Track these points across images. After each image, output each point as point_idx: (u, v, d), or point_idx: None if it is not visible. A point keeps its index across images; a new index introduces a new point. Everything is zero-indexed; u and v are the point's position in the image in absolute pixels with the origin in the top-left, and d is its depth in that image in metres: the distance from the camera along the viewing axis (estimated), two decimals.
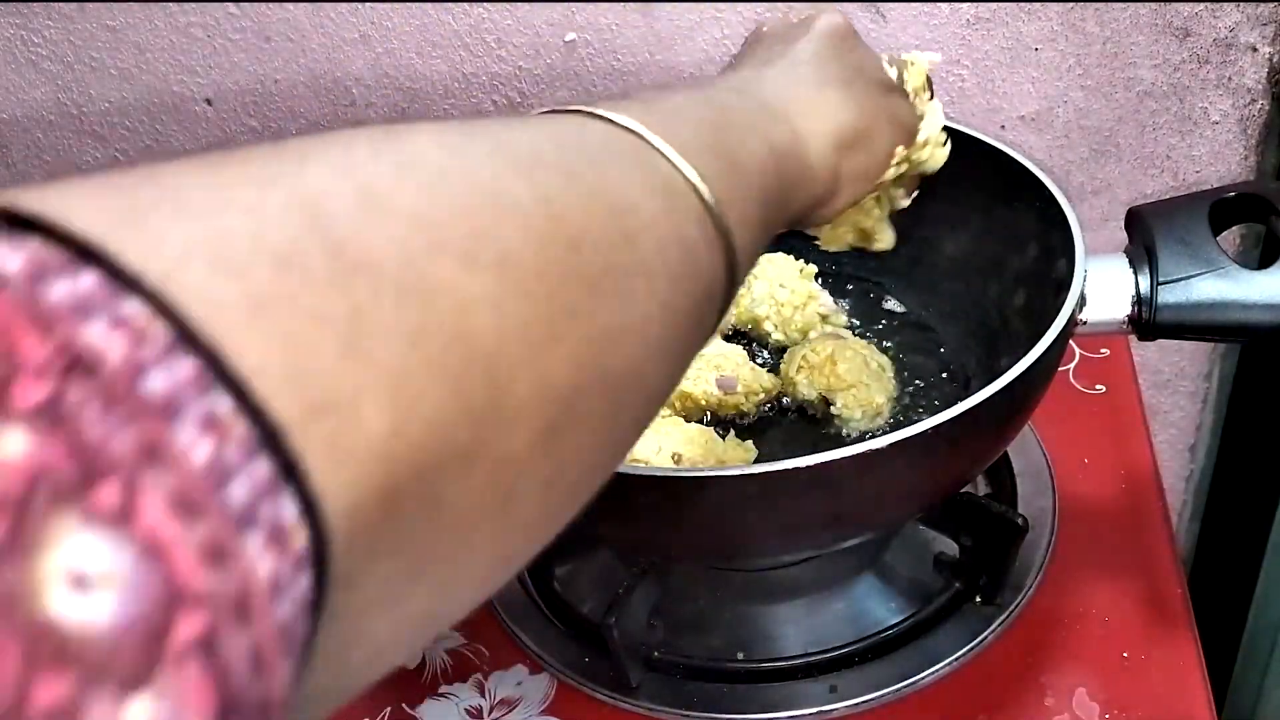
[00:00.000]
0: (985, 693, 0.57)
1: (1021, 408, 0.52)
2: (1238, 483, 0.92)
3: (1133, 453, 0.70)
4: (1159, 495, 0.67)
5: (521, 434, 0.21)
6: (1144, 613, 0.60)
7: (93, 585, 0.14)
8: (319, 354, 0.17)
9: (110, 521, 0.14)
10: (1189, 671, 0.57)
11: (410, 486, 0.19)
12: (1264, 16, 0.74)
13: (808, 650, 0.60)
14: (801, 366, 0.65)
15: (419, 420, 0.19)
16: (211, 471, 0.15)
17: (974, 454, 0.52)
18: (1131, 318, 0.53)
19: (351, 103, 0.88)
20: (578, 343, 0.23)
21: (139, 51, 0.88)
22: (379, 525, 0.18)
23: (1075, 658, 0.58)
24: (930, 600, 0.61)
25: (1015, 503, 0.66)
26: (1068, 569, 0.62)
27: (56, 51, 0.89)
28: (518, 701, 0.60)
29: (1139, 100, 0.79)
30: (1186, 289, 0.51)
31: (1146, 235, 0.53)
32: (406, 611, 0.21)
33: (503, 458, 0.21)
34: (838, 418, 0.64)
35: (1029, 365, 0.47)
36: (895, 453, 0.45)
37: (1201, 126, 0.79)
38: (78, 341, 0.15)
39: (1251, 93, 0.77)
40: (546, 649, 0.62)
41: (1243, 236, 0.83)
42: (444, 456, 0.19)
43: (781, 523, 0.49)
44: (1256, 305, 0.50)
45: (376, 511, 0.18)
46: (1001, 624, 0.59)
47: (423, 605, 0.21)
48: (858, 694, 0.57)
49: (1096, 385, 0.75)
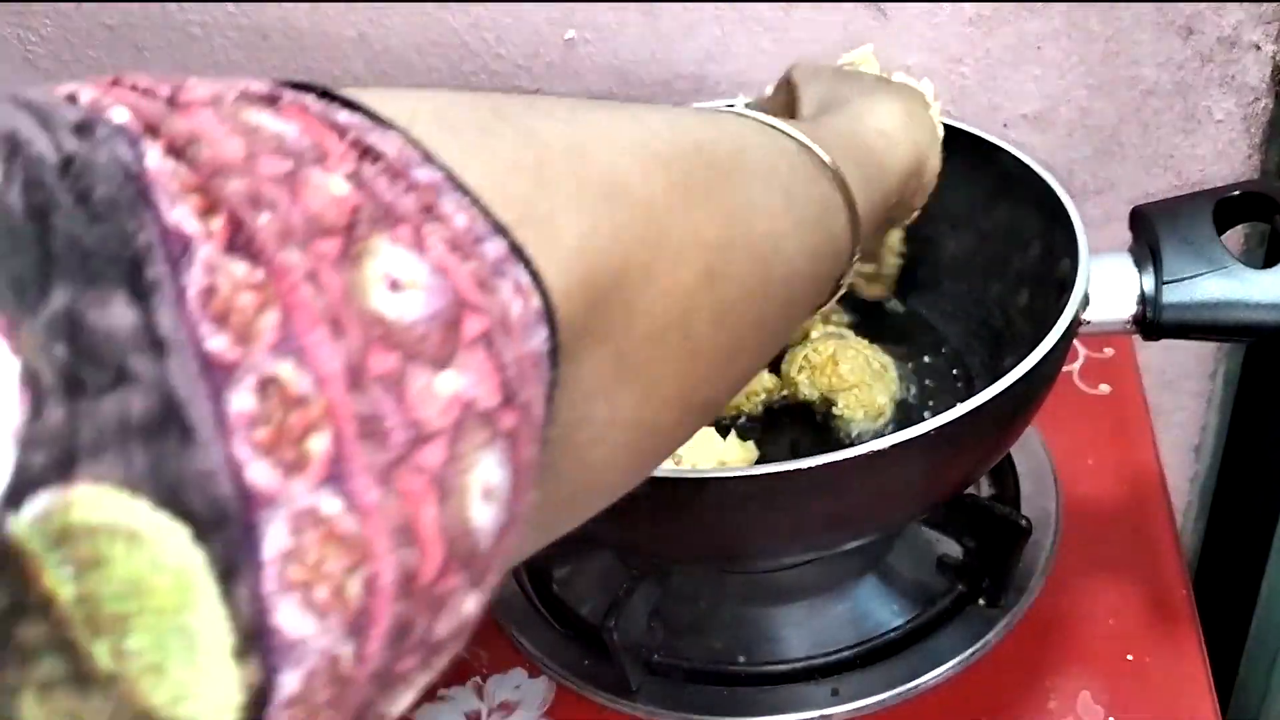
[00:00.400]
0: (988, 696, 0.57)
1: (1025, 408, 0.52)
2: (1242, 483, 0.92)
3: (1137, 453, 0.69)
4: (1163, 496, 0.67)
5: (687, 269, 0.27)
6: (1148, 614, 0.60)
7: (403, 287, 0.18)
8: (517, 184, 0.22)
9: (410, 246, 0.18)
10: (1194, 673, 0.57)
11: (605, 283, 0.24)
12: (1267, 15, 0.74)
13: (809, 653, 0.59)
14: (803, 366, 0.65)
15: (602, 236, 0.24)
16: (470, 231, 0.19)
17: (977, 455, 0.52)
18: (1136, 317, 0.52)
19: None
20: (715, 209, 0.28)
21: (137, 50, 0.87)
22: (588, 311, 0.23)
23: (1079, 660, 0.58)
24: (933, 602, 0.61)
25: (1019, 504, 0.66)
26: (1071, 571, 0.62)
27: (54, 50, 0.88)
28: (517, 705, 0.59)
29: (1142, 99, 0.78)
30: (1191, 288, 0.51)
31: (1150, 234, 0.52)
32: (617, 406, 0.26)
33: (676, 284, 0.26)
34: (839, 418, 0.64)
35: (1032, 365, 0.47)
36: (898, 454, 0.44)
37: (1205, 125, 0.79)
38: (366, 139, 0.19)
39: (1255, 91, 0.77)
40: (546, 652, 0.61)
41: (1247, 235, 0.83)
42: (629, 266, 0.24)
43: (783, 524, 0.49)
44: (1261, 305, 0.50)
45: (584, 298, 0.23)
46: (1005, 626, 0.59)
47: (629, 406, 0.26)
48: (860, 697, 0.57)
49: (1100, 385, 0.74)
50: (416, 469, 0.17)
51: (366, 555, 0.16)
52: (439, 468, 0.18)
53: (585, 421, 0.24)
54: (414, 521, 0.17)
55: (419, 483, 0.17)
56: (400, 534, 0.17)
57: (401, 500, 0.17)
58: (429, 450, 0.17)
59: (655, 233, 0.26)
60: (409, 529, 0.17)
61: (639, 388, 0.26)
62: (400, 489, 0.17)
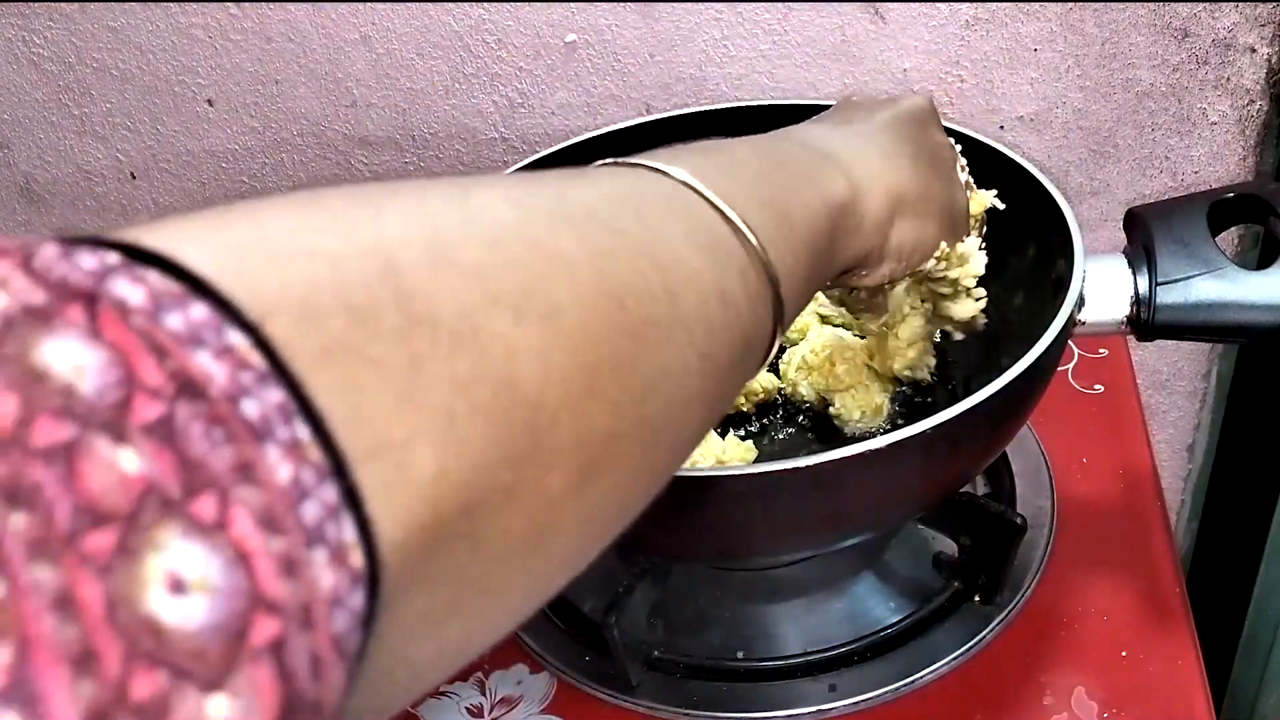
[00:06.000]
0: (984, 692, 0.57)
1: (1020, 408, 0.52)
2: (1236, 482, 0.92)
3: (1131, 452, 0.70)
4: (1157, 495, 0.67)
5: (559, 475, 0.23)
6: (1142, 612, 0.60)
7: (188, 589, 0.15)
8: (379, 400, 0.19)
9: (207, 532, 0.16)
10: (1188, 670, 0.57)
11: (454, 522, 0.20)
12: (1262, 17, 0.74)
13: (807, 649, 0.60)
14: (801, 367, 0.65)
15: (465, 462, 0.20)
16: (291, 491, 0.17)
17: (973, 454, 0.52)
18: (1130, 318, 0.53)
19: (352, 103, 0.88)
20: (618, 391, 0.24)
21: (140, 52, 0.88)
22: (425, 556, 0.20)
23: (1074, 657, 0.58)
24: (929, 599, 0.61)
25: (1014, 502, 0.66)
26: (1066, 568, 0.62)
27: (58, 52, 0.89)
28: (518, 700, 0.60)
29: (1138, 101, 0.79)
30: (1185, 289, 0.51)
31: (1145, 236, 0.53)
32: (447, 638, 0.22)
33: (541, 497, 0.22)
34: (837, 418, 0.64)
35: (1028, 365, 0.47)
36: (894, 453, 0.45)
37: (1200, 127, 0.79)
38: (189, 366, 0.16)
39: (1250, 93, 0.77)
40: (547, 648, 0.62)
41: (1241, 237, 0.83)
42: (486, 495, 0.21)
43: (781, 522, 0.49)
44: (1255, 306, 0.50)
45: (423, 544, 0.19)
46: (1000, 623, 0.60)
47: (462, 633, 0.23)
48: (857, 693, 0.57)
49: (1095, 385, 0.75)
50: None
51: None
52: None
53: (404, 663, 0.21)
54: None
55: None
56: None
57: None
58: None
59: (531, 441, 0.22)
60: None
61: (475, 613, 0.23)
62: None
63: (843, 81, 0.80)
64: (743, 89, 0.82)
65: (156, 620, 0.15)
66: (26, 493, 0.14)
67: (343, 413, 0.18)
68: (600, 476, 0.24)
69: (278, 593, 0.16)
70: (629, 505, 0.27)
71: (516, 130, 0.88)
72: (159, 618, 0.15)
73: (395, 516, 0.19)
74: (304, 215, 0.21)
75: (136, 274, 0.17)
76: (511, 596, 0.24)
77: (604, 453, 0.24)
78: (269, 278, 0.19)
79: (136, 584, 0.15)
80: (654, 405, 0.26)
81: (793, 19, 0.79)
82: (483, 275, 0.22)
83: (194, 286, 0.17)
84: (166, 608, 0.15)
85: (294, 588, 0.16)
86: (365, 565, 0.18)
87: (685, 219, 0.29)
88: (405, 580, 0.19)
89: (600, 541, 0.26)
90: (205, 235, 0.19)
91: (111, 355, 0.16)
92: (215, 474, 0.16)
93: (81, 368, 0.15)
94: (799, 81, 0.81)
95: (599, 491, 0.24)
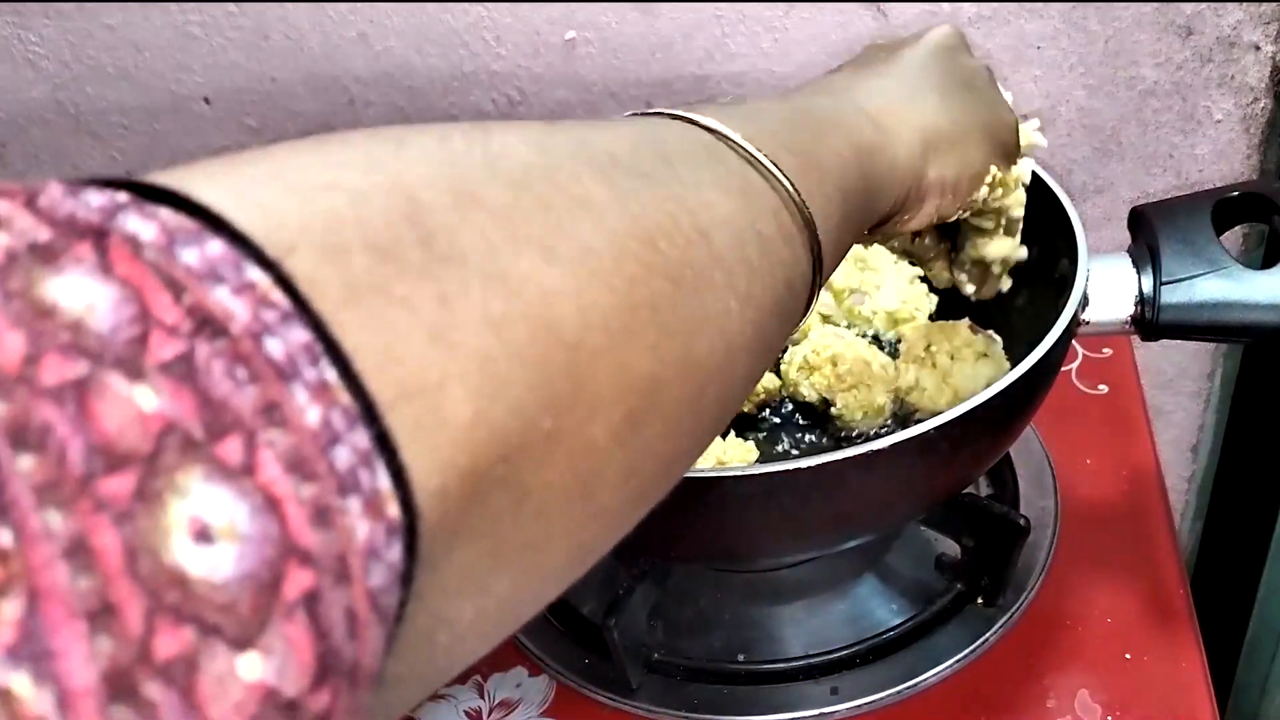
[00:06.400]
0: (987, 694, 0.57)
1: (1024, 408, 0.52)
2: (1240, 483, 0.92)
3: (1135, 453, 0.70)
4: (1161, 495, 0.67)
5: (602, 422, 0.22)
6: (1146, 613, 0.60)
7: (215, 538, 0.14)
8: (408, 341, 0.18)
9: (233, 476, 0.14)
10: (1192, 672, 0.57)
11: (493, 470, 0.19)
12: (1267, 15, 0.74)
13: (809, 652, 0.60)
14: (802, 367, 0.65)
15: (502, 407, 0.19)
16: (321, 434, 0.16)
17: (976, 455, 0.52)
18: (1134, 318, 0.52)
19: (350, 101, 0.88)
20: (658, 333, 0.23)
21: (137, 50, 0.87)
22: (464, 506, 0.19)
23: (1077, 659, 0.58)
24: (932, 601, 0.61)
25: (1017, 503, 0.66)
26: (1070, 570, 0.62)
27: (54, 50, 0.88)
28: (517, 703, 0.60)
29: (1141, 99, 0.78)
30: (1189, 289, 0.51)
31: (1149, 235, 0.52)
32: (489, 598, 0.21)
33: (584, 446, 0.21)
34: (839, 418, 0.64)
35: (1031, 365, 0.47)
36: (897, 454, 0.44)
37: (1204, 125, 0.79)
38: (207, 303, 0.15)
39: (1254, 91, 0.77)
40: (546, 650, 0.61)
41: (1245, 236, 0.83)
42: (526, 443, 0.20)
43: (782, 524, 0.49)
44: (1259, 305, 0.50)
45: (461, 493, 0.18)
46: (1003, 625, 0.59)
47: (505, 593, 0.22)
48: (859, 695, 0.57)
49: (1099, 385, 0.75)
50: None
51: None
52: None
53: (445, 625, 0.20)
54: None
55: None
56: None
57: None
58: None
59: (571, 386, 0.21)
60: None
61: (518, 572, 0.22)
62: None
63: None
64: (744, 87, 0.82)
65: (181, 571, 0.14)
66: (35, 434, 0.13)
67: (372, 353, 0.17)
68: (645, 426, 0.23)
69: (311, 542, 0.15)
70: (675, 460, 0.26)
71: None
72: (184, 568, 0.14)
73: (431, 463, 0.18)
74: (322, 152, 0.20)
75: (148, 210, 0.16)
76: (555, 555, 0.23)
77: (648, 400, 0.23)
78: (289, 212, 0.18)
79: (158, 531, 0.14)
80: (697, 350, 0.25)
81: (794, 16, 0.78)
82: (509, 216, 0.21)
83: (210, 223, 0.16)
84: (192, 557, 0.14)
85: (328, 537, 0.15)
86: (401, 516, 0.17)
87: (713, 163, 0.28)
88: (444, 533, 0.18)
89: (646, 500, 0.25)
90: (219, 172, 0.18)
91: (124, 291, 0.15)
92: (240, 415, 0.15)
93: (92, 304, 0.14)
94: (801, 78, 0.80)
95: (644, 442, 0.23)
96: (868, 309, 0.68)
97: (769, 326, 0.29)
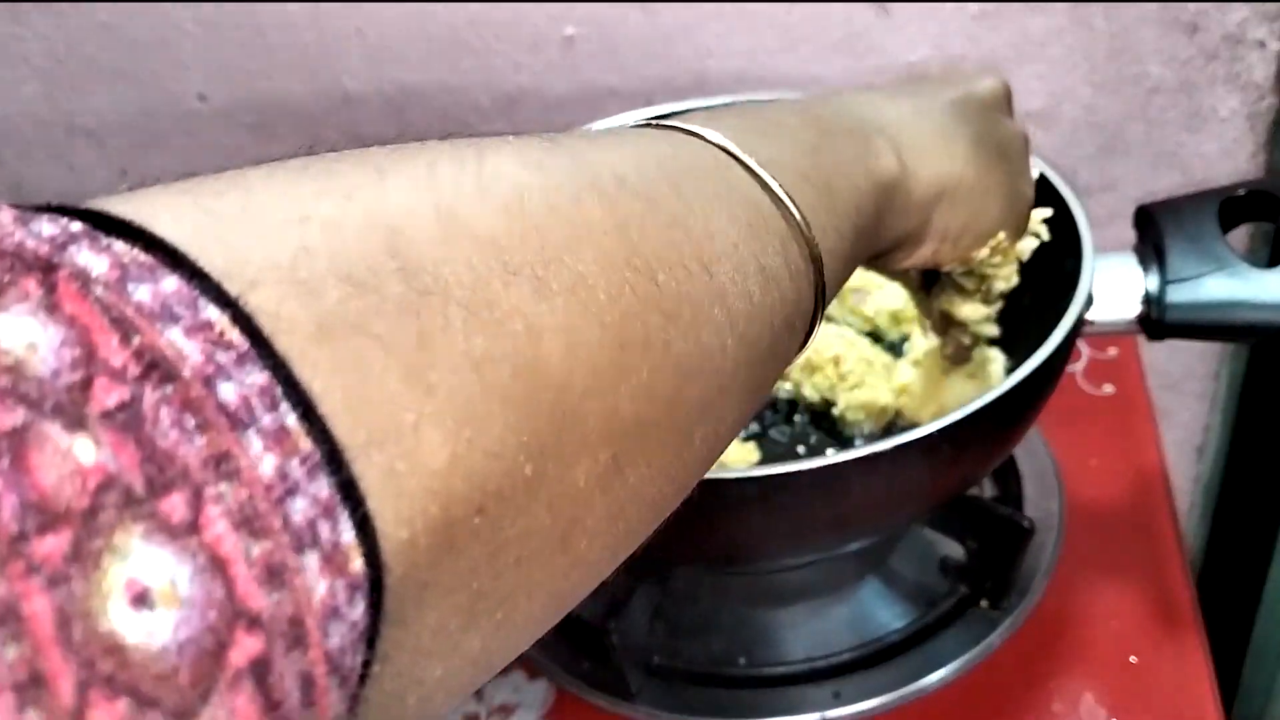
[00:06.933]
0: (991, 698, 0.56)
1: (1028, 409, 0.51)
2: (1246, 484, 0.92)
3: (1141, 454, 0.69)
4: (1167, 497, 0.66)
5: (586, 467, 0.21)
6: (1152, 616, 0.59)
7: (154, 602, 0.13)
8: (381, 380, 0.17)
9: (175, 534, 0.14)
10: (1197, 675, 0.57)
11: (469, 520, 0.18)
12: (1272, 12, 0.73)
13: (811, 655, 0.59)
14: (804, 367, 0.64)
15: (480, 451, 0.18)
16: (275, 486, 0.15)
17: (980, 456, 0.52)
18: (1140, 317, 0.52)
19: (346, 98, 0.87)
20: (649, 373, 0.22)
21: (131, 48, 0.87)
22: (435, 559, 0.18)
23: (1082, 662, 0.58)
24: (935, 604, 0.60)
25: (1021, 505, 0.65)
26: (1075, 572, 0.62)
27: (48, 47, 0.88)
28: (516, 707, 0.59)
29: (1147, 96, 0.78)
30: (1195, 288, 0.51)
31: (1155, 233, 0.52)
32: (460, 655, 0.20)
33: (565, 492, 0.20)
34: (841, 419, 0.63)
35: (1036, 366, 0.47)
36: (900, 455, 0.44)
37: (1210, 123, 0.78)
38: (158, 344, 0.14)
39: (1260, 89, 0.76)
40: (545, 654, 0.61)
41: (1252, 235, 0.82)
42: (505, 489, 0.19)
43: (784, 526, 0.49)
44: (1266, 305, 0.50)
45: (433, 544, 0.17)
46: (1007, 628, 0.59)
47: (477, 648, 0.21)
48: (861, 699, 0.56)
49: (1104, 386, 0.74)
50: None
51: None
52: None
53: (414, 685, 0.19)
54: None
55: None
56: None
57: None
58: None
59: (555, 429, 0.20)
60: None
61: (492, 626, 0.21)
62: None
63: (847, 76, 0.80)
64: (746, 83, 0.81)
65: (117, 638, 0.13)
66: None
67: (340, 395, 0.16)
68: (630, 470, 0.22)
69: (260, 605, 0.14)
70: (660, 504, 0.25)
71: (515, 126, 0.87)
72: (120, 635, 0.13)
73: (400, 513, 0.17)
74: (297, 180, 0.19)
75: (101, 243, 0.15)
76: (531, 607, 0.22)
77: (634, 443, 0.22)
78: (253, 246, 0.17)
79: (94, 596, 0.13)
80: (689, 391, 0.23)
81: (796, 12, 0.78)
82: (498, 244, 0.20)
83: (168, 257, 0.16)
84: (129, 623, 0.13)
85: (280, 598, 0.14)
86: (366, 571, 0.16)
87: (722, 187, 0.27)
88: (413, 587, 0.17)
89: (629, 544, 0.24)
90: (182, 202, 0.17)
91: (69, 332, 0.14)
92: (186, 467, 0.14)
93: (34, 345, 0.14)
94: (803, 75, 0.80)
95: (628, 487, 0.22)
96: (870, 308, 0.68)
97: (764, 365, 0.28)
